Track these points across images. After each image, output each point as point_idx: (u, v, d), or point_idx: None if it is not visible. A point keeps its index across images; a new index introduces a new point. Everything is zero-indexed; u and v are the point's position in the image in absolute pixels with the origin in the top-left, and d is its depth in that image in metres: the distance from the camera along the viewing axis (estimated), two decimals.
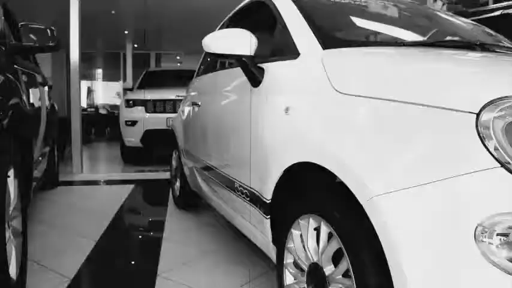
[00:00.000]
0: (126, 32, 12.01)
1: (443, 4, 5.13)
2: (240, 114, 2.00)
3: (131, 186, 4.76)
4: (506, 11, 3.79)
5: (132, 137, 6.19)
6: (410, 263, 0.98)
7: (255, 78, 1.82)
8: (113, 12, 9.55)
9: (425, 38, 2.02)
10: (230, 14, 2.94)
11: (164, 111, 6.10)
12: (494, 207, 0.89)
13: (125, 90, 8.10)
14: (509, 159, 0.90)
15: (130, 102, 6.24)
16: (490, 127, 0.93)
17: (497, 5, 4.48)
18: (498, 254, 0.87)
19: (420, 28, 2.16)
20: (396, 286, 1.02)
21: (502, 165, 0.90)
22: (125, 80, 13.58)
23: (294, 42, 1.70)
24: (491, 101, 0.96)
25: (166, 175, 4.66)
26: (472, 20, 2.64)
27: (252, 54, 1.78)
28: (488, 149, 0.92)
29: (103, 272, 2.39)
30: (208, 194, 2.77)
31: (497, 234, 0.88)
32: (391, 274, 1.03)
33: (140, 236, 3.13)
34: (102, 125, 12.89)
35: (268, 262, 2.28)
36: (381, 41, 1.91)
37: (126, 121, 6.20)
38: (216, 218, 3.39)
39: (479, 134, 0.93)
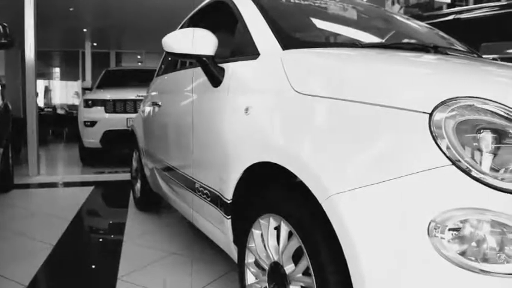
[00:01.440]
0: (84, 30, 11.71)
1: (400, 7, 5.29)
2: (201, 114, 1.99)
3: (90, 188, 4.65)
4: (458, 16, 3.95)
5: (91, 138, 6.04)
6: (367, 259, 1.01)
7: (216, 78, 1.82)
8: (71, 9, 9.29)
9: (382, 40, 2.07)
10: (191, 13, 2.92)
11: (124, 112, 5.98)
12: (446, 203, 0.92)
13: (84, 89, 7.90)
14: (459, 157, 0.94)
15: (90, 102, 6.09)
16: (442, 127, 0.97)
17: (450, 9, 4.66)
18: (450, 248, 0.91)
19: (378, 30, 2.21)
20: (355, 283, 1.04)
21: (453, 163, 0.93)
22: (83, 79, 13.24)
23: (254, 42, 1.70)
24: (443, 101, 1.00)
25: (126, 176, 4.58)
26: (427, 24, 2.73)
27: (212, 54, 1.78)
28: (440, 148, 0.95)
29: (60, 278, 2.32)
30: (170, 194, 2.74)
31: (449, 229, 0.91)
32: (350, 271, 1.05)
33: (100, 239, 3.06)
34: (60, 125, 12.51)
35: (230, 262, 2.28)
36: (339, 42, 1.94)
37: (85, 121, 6.04)
38: (177, 219, 3.35)
39: (432, 133, 0.97)
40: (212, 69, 1.81)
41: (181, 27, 2.98)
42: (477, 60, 1.72)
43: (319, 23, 2.02)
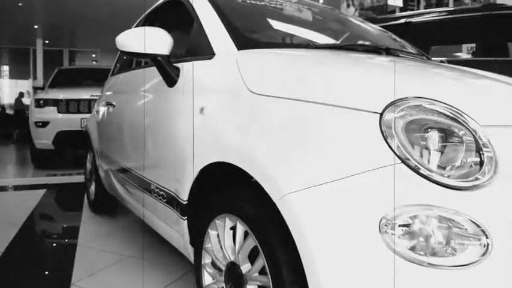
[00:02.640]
0: (35, 26, 11.27)
1: (355, 10, 5.42)
2: (156, 114, 1.96)
3: (42, 191, 4.48)
4: (409, 20, 4.09)
5: (43, 139, 5.81)
6: (322, 257, 1.02)
7: (171, 78, 1.80)
8: (20, 4, 8.90)
9: (337, 42, 2.11)
10: (147, 12, 2.88)
11: (78, 112, 5.80)
12: (396, 200, 0.95)
13: (35, 89, 7.61)
14: (408, 156, 0.97)
15: (41, 102, 5.87)
16: (392, 126, 1.00)
17: (402, 13, 4.82)
18: (400, 243, 0.93)
19: (332, 32, 2.26)
20: (310, 280, 1.06)
21: (403, 161, 0.97)
22: (35, 78, 12.74)
23: (209, 42, 1.69)
24: (393, 101, 1.03)
25: (80, 178, 4.45)
26: (380, 26, 2.81)
27: (167, 53, 1.75)
28: (390, 147, 0.98)
29: (10, 285, 2.22)
30: (125, 196, 2.68)
31: (399, 226, 0.94)
32: (305, 269, 1.06)
33: (52, 244, 2.96)
34: (10, 125, 11.97)
35: (187, 263, 2.26)
36: (294, 43, 1.96)
37: (36, 122, 5.81)
38: (133, 221, 3.29)
39: (382, 133, 1.00)
40: (167, 68, 1.78)
41: (136, 26, 2.92)
42: (426, 63, 1.79)
43: (275, 24, 2.04)
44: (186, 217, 1.66)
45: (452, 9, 4.89)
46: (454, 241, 0.92)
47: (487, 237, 0.91)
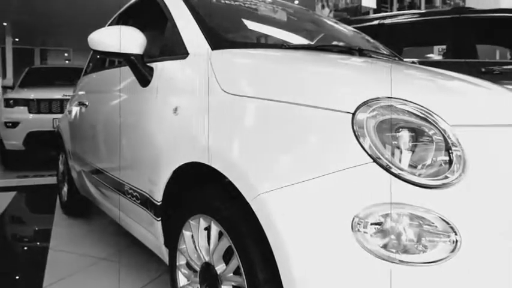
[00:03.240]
0: (5, 24, 10.98)
1: (330, 11, 5.47)
2: (129, 114, 1.94)
3: (13, 193, 4.36)
4: (382, 21, 4.15)
5: (13, 140, 5.66)
6: (296, 256, 1.03)
7: (144, 78, 1.78)
8: None
9: (311, 42, 2.13)
10: (120, 11, 2.84)
11: (50, 112, 5.67)
12: (368, 199, 0.96)
13: (5, 88, 7.40)
14: (380, 155, 0.99)
15: (11, 101, 5.71)
16: (363, 126, 1.01)
17: (376, 15, 4.89)
18: (372, 242, 0.95)
19: (306, 32, 2.27)
20: (284, 279, 1.06)
21: (374, 160, 0.98)
22: (4, 77, 12.41)
23: (183, 42, 1.68)
24: (365, 101, 1.05)
25: (52, 180, 4.35)
26: (354, 27, 2.84)
27: (141, 53, 1.74)
28: (362, 146, 1.00)
29: None
30: (99, 198, 2.64)
31: (371, 224, 0.95)
32: (279, 268, 1.07)
33: (23, 248, 2.89)
34: None
35: (162, 265, 2.23)
36: (269, 44, 1.97)
37: (6, 122, 5.65)
38: (107, 223, 3.24)
39: (354, 133, 1.01)
40: (140, 68, 1.76)
41: (109, 25, 2.88)
42: (398, 63, 1.82)
43: (249, 24, 2.04)
44: (160, 218, 1.65)
45: (423, 11, 4.98)
46: (425, 238, 0.94)
47: (456, 234, 0.94)
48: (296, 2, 8.47)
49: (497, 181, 1.06)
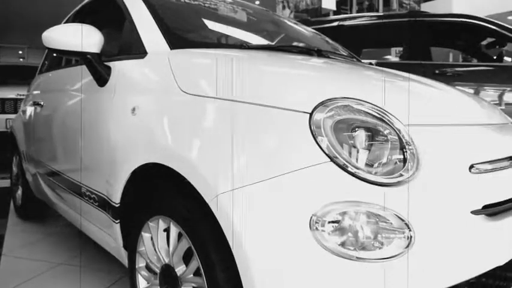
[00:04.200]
0: None
1: (290, 12, 5.53)
2: (86, 115, 1.89)
3: None
4: (342, 23, 4.23)
5: None
6: (255, 256, 1.03)
7: (101, 77, 1.74)
8: None
9: (270, 43, 2.14)
10: (77, 8, 2.76)
11: (3, 112, 5.47)
12: (325, 197, 0.98)
13: None
14: (337, 154, 1.01)
15: None
16: (321, 126, 1.03)
17: (335, 16, 4.98)
18: (330, 239, 0.97)
19: (267, 33, 2.29)
20: (243, 279, 1.07)
21: (331, 159, 1.00)
22: None
23: (141, 41, 1.66)
24: (322, 102, 1.07)
25: (6, 183, 4.18)
26: (314, 29, 2.89)
27: (98, 51, 1.69)
28: (320, 146, 1.01)
29: None
30: (55, 201, 2.56)
31: (329, 222, 0.97)
32: (238, 268, 1.07)
33: None
34: None
35: (122, 268, 2.19)
36: (229, 44, 1.97)
37: None
38: (65, 227, 3.14)
39: (312, 132, 1.02)
40: (97, 67, 1.72)
41: (66, 22, 2.80)
42: (356, 65, 1.86)
43: (209, 24, 2.03)
44: (118, 220, 1.62)
45: (381, 14, 5.12)
46: (381, 235, 0.97)
47: (410, 230, 0.97)
48: (257, 2, 8.51)
49: (449, 178, 1.10)
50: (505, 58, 3.94)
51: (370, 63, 2.55)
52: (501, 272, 1.21)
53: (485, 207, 1.12)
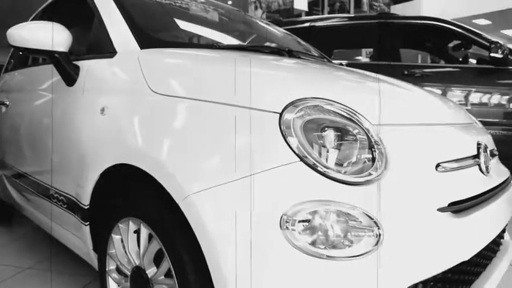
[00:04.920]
0: None
1: (263, 12, 5.54)
2: (54, 115, 1.85)
3: None
4: (313, 24, 4.28)
5: None
6: (226, 256, 1.03)
7: (69, 77, 1.70)
8: None
9: (242, 43, 2.15)
10: (44, 5, 2.69)
11: None
12: (296, 197, 0.99)
13: None
14: (306, 154, 1.02)
15: None
16: (290, 126, 1.04)
17: (307, 17, 5.02)
18: (301, 239, 0.97)
19: (239, 33, 2.29)
20: (215, 280, 1.06)
21: (301, 159, 1.01)
22: None
23: (110, 40, 1.63)
24: (292, 101, 1.08)
25: None
26: (286, 29, 2.90)
27: (66, 50, 1.66)
28: (289, 145, 1.02)
29: None
30: (22, 204, 2.49)
31: (299, 221, 0.97)
32: (210, 269, 1.07)
33: None
34: None
35: (93, 271, 2.15)
36: (200, 43, 1.96)
37: None
38: (32, 230, 3.06)
39: (282, 132, 1.03)
40: (65, 66, 1.68)
41: (33, 19, 2.73)
42: (326, 65, 1.88)
43: (180, 23, 2.02)
44: (88, 222, 1.59)
45: (352, 16, 5.20)
46: (351, 233, 0.98)
47: (379, 228, 0.98)
48: (229, 2, 8.49)
49: (416, 177, 1.13)
50: (470, 60, 4.06)
51: (341, 64, 2.59)
52: (466, 267, 1.24)
53: (451, 204, 1.15)
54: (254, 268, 1.01)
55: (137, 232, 1.35)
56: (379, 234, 0.98)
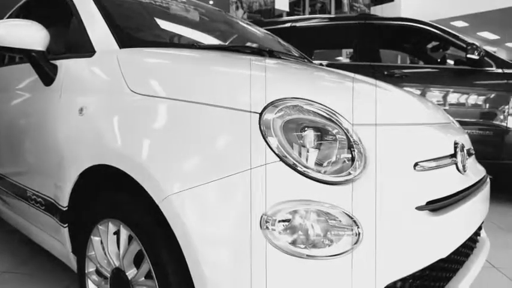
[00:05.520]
0: None
1: (244, 12, 5.55)
2: (32, 115, 1.82)
3: None
4: (294, 24, 4.30)
5: None
6: (206, 257, 1.03)
7: (47, 76, 1.67)
8: None
9: (223, 43, 2.14)
10: (20, 3, 2.64)
11: None
12: (276, 197, 0.99)
13: None
14: (286, 154, 1.02)
15: None
16: (270, 126, 1.04)
17: (288, 17, 5.05)
18: (281, 238, 0.98)
19: (219, 33, 2.28)
20: (195, 281, 1.06)
21: (281, 159, 1.01)
22: None
23: (89, 39, 1.61)
24: (272, 102, 1.08)
25: None
26: (267, 29, 2.91)
27: (43, 49, 1.63)
28: (269, 145, 1.02)
29: None
30: None
31: (279, 221, 0.98)
32: (190, 269, 1.06)
33: None
34: None
35: (71, 273, 2.12)
36: (179, 43, 1.95)
37: None
38: (9, 233, 2.99)
39: (261, 132, 1.03)
40: (43, 66, 1.66)
41: (8, 17, 2.67)
42: (307, 65, 1.89)
43: (160, 23, 2.01)
44: (66, 224, 1.56)
45: (333, 16, 5.24)
46: (330, 233, 0.99)
47: (358, 227, 0.99)
48: (211, 2, 8.47)
49: (395, 176, 1.14)
50: (448, 61, 4.14)
51: (321, 64, 2.60)
52: (443, 264, 1.27)
53: (428, 203, 1.17)
54: (234, 268, 1.01)
55: (117, 233, 1.34)
56: (359, 233, 0.99)
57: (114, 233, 1.35)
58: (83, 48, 1.62)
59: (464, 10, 11.83)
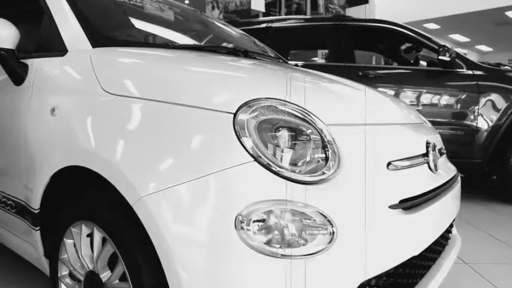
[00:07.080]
0: None
1: (220, 12, 5.53)
2: (1, 115, 1.77)
3: None
4: (270, 25, 4.31)
5: None
6: (181, 258, 1.02)
7: (17, 75, 1.63)
8: None
9: (198, 43, 2.13)
10: None
11: None
12: (250, 197, 0.99)
13: None
14: (261, 154, 1.02)
15: None
16: (245, 126, 1.04)
17: (264, 18, 5.06)
18: (256, 238, 0.98)
19: (194, 33, 2.27)
20: (170, 283, 1.05)
21: (255, 159, 1.02)
22: None
23: (61, 38, 1.57)
24: (246, 102, 1.08)
25: None
26: (243, 30, 2.91)
27: (13, 47, 1.59)
28: (244, 146, 1.02)
29: None
30: None
31: (254, 221, 0.98)
32: (165, 271, 1.06)
33: None
34: None
35: (44, 277, 2.07)
36: (153, 43, 1.93)
37: None
38: None
39: (236, 132, 1.03)
40: (13, 65, 1.61)
41: None
42: (282, 66, 1.90)
43: (134, 22, 1.98)
44: (38, 227, 1.53)
45: (308, 17, 5.27)
46: (305, 232, 0.99)
47: (332, 226, 1.00)
48: (186, 2, 8.41)
49: (368, 175, 1.16)
50: (421, 62, 4.22)
51: (296, 65, 2.62)
52: (416, 261, 1.29)
53: (401, 201, 1.19)
54: (210, 270, 1.01)
55: (90, 236, 1.32)
56: (333, 232, 1.00)
57: (88, 235, 1.33)
58: (55, 47, 1.59)
59: (437, 13, 12.10)
